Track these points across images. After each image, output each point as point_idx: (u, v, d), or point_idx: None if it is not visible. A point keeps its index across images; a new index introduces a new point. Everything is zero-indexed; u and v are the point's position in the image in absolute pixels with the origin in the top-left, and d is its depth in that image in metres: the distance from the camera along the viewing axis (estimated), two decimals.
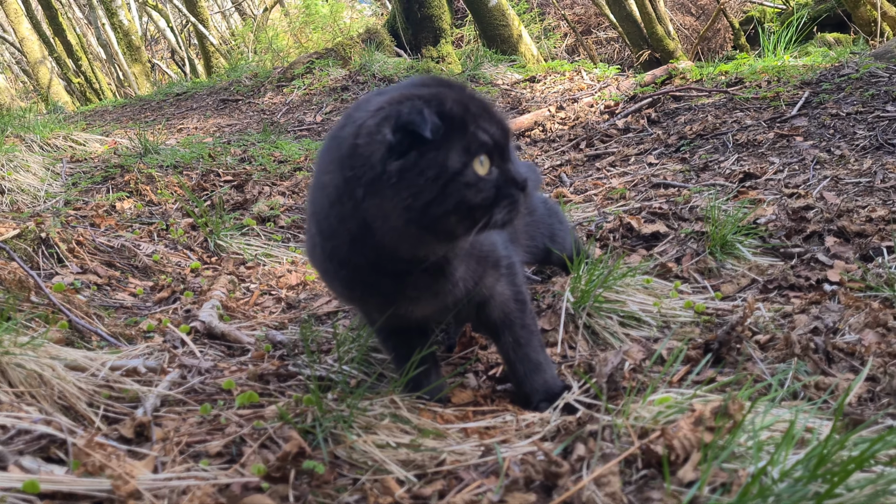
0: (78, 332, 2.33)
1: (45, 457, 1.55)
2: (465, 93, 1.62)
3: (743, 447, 1.48)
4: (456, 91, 1.61)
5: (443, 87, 1.64)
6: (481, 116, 1.56)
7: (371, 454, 1.65)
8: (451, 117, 1.51)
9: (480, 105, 1.59)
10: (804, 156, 3.67)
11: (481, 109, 1.58)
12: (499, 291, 1.91)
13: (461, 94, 1.59)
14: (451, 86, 1.65)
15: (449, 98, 1.54)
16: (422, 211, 1.50)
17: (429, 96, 1.53)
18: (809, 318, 2.23)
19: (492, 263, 1.89)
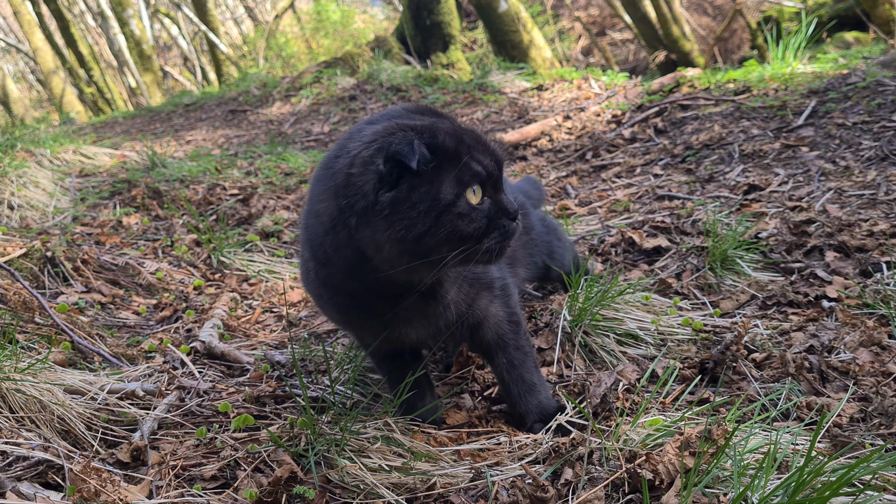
0: (80, 353, 2.36)
1: (42, 482, 1.58)
2: (458, 124, 1.64)
3: (727, 471, 1.49)
4: (448, 122, 1.63)
5: (435, 117, 1.66)
6: (475, 147, 1.57)
7: (362, 478, 1.67)
8: (443, 149, 1.53)
9: (473, 136, 1.61)
10: (809, 167, 3.66)
11: (474, 140, 1.60)
12: (493, 313, 1.93)
13: (454, 126, 1.61)
14: (443, 116, 1.68)
15: (441, 130, 1.55)
16: (415, 242, 1.52)
17: (421, 128, 1.55)
18: (806, 336, 2.23)
19: (485, 285, 1.90)
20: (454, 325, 1.85)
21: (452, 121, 1.65)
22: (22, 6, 14.58)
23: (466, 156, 1.55)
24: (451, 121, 1.65)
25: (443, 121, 1.63)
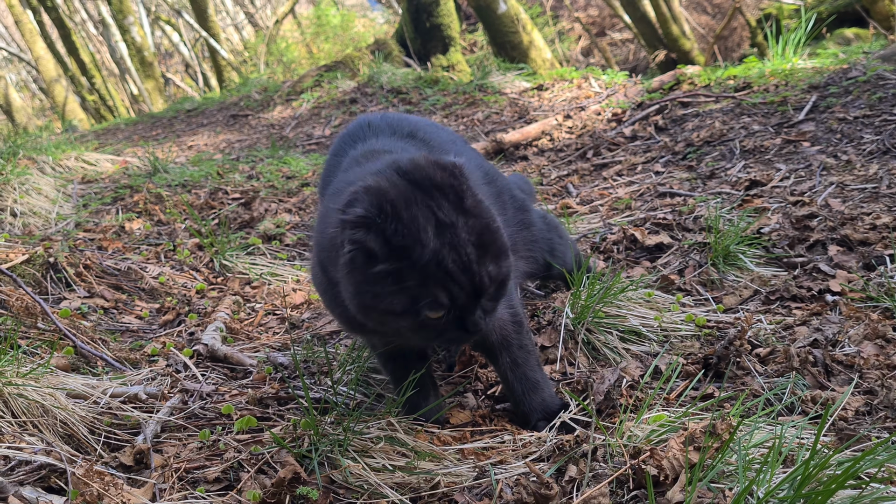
0: (84, 358, 2.36)
1: (45, 486, 1.58)
2: (454, 227, 1.48)
3: (732, 466, 1.48)
4: (444, 212, 1.50)
5: (427, 199, 1.51)
6: (454, 273, 1.46)
7: (366, 478, 1.66)
8: (409, 256, 1.45)
9: (456, 250, 1.47)
10: (811, 161, 3.65)
11: (458, 263, 1.46)
12: (497, 315, 1.92)
13: (445, 232, 1.48)
14: (443, 193, 1.53)
15: (416, 233, 1.45)
16: (364, 313, 1.56)
17: (386, 230, 1.45)
18: (810, 330, 2.22)
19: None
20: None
21: (451, 207, 1.52)
22: (24, 15, 14.63)
23: (434, 284, 1.46)
24: (448, 205, 1.51)
25: (432, 211, 1.49)
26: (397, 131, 2.13)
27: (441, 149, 2.14)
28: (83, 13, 20.61)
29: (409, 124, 2.20)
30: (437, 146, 2.15)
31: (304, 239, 3.77)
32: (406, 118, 2.26)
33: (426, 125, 2.27)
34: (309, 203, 4.38)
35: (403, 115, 2.30)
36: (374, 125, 2.16)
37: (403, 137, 2.11)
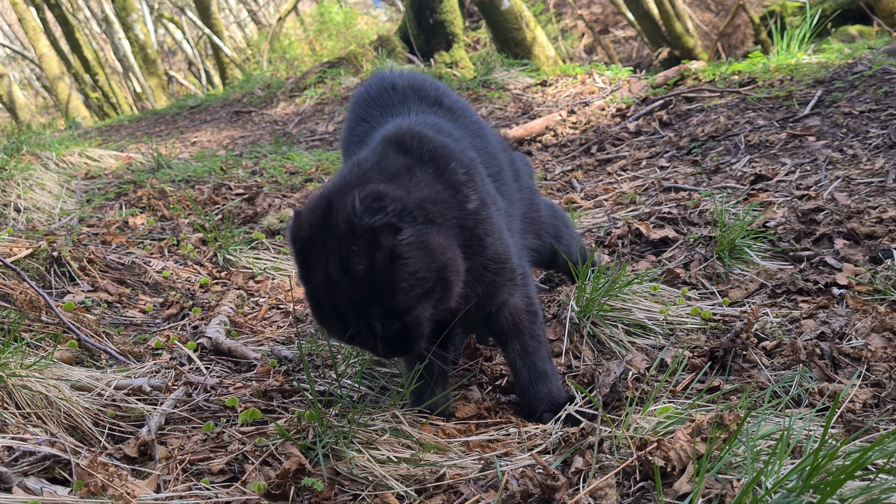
0: (87, 351, 2.36)
1: (49, 477, 1.57)
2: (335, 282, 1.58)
3: (739, 457, 1.47)
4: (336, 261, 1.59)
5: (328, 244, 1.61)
6: (328, 317, 1.65)
7: (371, 469, 1.65)
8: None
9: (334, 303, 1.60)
10: (816, 156, 3.64)
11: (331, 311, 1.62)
12: (512, 304, 1.92)
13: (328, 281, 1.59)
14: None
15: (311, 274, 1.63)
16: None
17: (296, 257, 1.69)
18: (817, 324, 2.21)
19: (508, 276, 1.88)
20: (472, 316, 1.84)
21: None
22: (27, 12, 14.64)
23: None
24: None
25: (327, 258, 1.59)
26: (424, 98, 2.13)
27: (466, 122, 2.14)
28: (86, 11, 20.62)
29: (433, 88, 2.19)
30: (460, 114, 2.14)
31: None
32: (427, 79, 2.25)
33: (448, 91, 2.26)
34: None
35: (422, 75, 2.28)
36: (399, 88, 2.15)
37: (431, 105, 2.10)
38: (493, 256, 1.82)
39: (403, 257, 1.55)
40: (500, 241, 1.86)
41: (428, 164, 1.78)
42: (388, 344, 1.63)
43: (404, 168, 1.74)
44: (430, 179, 1.74)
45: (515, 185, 2.28)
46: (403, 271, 1.55)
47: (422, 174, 1.74)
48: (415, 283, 1.57)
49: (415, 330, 1.62)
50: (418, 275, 1.57)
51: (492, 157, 2.15)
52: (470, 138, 2.09)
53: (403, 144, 1.82)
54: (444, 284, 1.63)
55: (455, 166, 1.80)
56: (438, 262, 1.61)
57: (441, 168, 1.78)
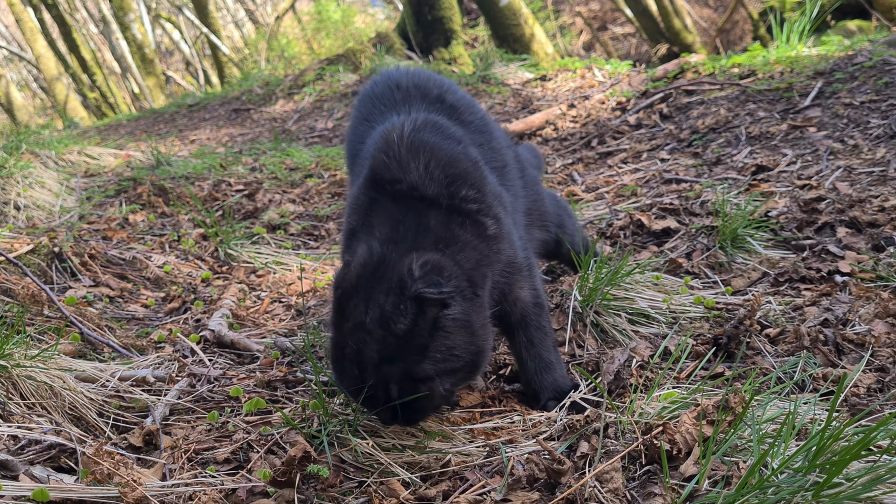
0: (90, 345, 2.36)
1: (55, 466, 1.57)
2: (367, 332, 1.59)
3: (745, 440, 1.47)
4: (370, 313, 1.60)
5: (368, 295, 1.63)
6: (346, 370, 1.63)
7: (376, 457, 1.65)
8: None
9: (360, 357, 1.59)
10: (817, 146, 3.64)
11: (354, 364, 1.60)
12: (521, 298, 1.94)
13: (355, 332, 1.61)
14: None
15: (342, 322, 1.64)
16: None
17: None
18: (820, 310, 2.20)
19: (517, 271, 1.90)
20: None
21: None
22: (24, 13, 14.62)
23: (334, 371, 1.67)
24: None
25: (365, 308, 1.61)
26: (427, 95, 2.12)
27: (469, 118, 2.13)
28: (83, 11, 20.60)
29: (437, 86, 2.18)
30: (464, 111, 2.14)
31: (308, 228, 3.76)
32: (432, 77, 2.24)
33: (453, 88, 2.25)
34: (313, 194, 4.37)
35: (428, 72, 2.28)
36: (402, 87, 2.15)
37: (433, 103, 2.09)
38: (506, 261, 1.85)
39: (446, 330, 1.58)
40: (510, 244, 1.88)
41: (452, 212, 1.75)
42: (396, 410, 1.61)
43: (443, 228, 1.72)
44: (465, 237, 1.74)
45: (521, 180, 2.29)
46: (441, 342, 1.58)
47: (458, 231, 1.74)
48: (448, 357, 1.59)
49: (428, 402, 1.61)
50: (454, 351, 1.60)
51: (496, 152, 2.16)
52: (473, 134, 2.09)
53: (411, 182, 1.78)
54: (472, 367, 1.66)
55: (466, 192, 1.78)
56: (476, 346, 1.64)
57: (459, 204, 1.77)
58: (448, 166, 1.80)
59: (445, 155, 1.83)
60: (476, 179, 1.84)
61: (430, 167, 1.78)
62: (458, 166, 1.82)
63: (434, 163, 1.79)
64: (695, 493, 1.32)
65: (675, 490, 1.34)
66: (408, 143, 1.82)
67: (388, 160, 1.81)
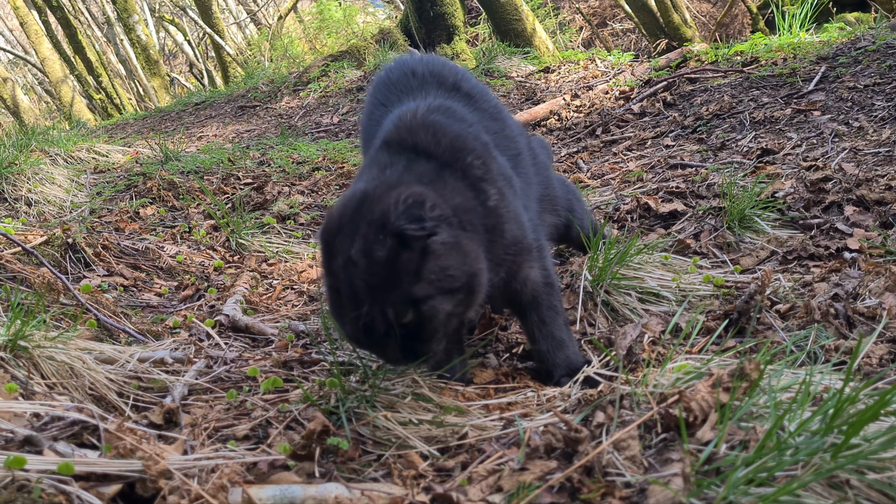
0: (106, 331, 2.38)
1: (77, 443, 1.59)
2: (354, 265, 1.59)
3: (760, 407, 1.49)
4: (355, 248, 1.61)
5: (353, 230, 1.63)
6: (344, 309, 1.61)
7: (394, 431, 1.67)
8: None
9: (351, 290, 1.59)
10: (822, 129, 3.65)
11: (348, 300, 1.59)
12: (531, 278, 1.95)
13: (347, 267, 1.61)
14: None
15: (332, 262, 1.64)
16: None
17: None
18: (829, 286, 2.22)
19: (526, 254, 1.92)
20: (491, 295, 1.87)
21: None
22: (29, 16, 14.68)
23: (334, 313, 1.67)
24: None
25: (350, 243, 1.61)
26: (443, 83, 2.14)
27: (484, 106, 2.15)
28: (87, 14, 20.66)
29: (452, 73, 2.20)
30: (479, 98, 2.16)
31: (317, 218, 3.79)
32: (448, 64, 2.26)
33: (468, 76, 2.27)
34: (321, 185, 4.39)
35: (443, 60, 2.30)
36: (418, 74, 2.16)
37: (449, 90, 2.11)
38: (512, 240, 1.86)
39: (437, 253, 1.58)
40: (517, 224, 1.89)
41: (450, 168, 1.79)
42: (403, 343, 1.61)
43: (434, 173, 1.76)
44: (458, 186, 1.76)
45: (533, 168, 2.32)
46: (434, 264, 1.57)
47: (451, 181, 1.76)
48: (443, 277, 1.58)
49: (430, 324, 1.59)
50: (448, 271, 1.59)
51: (510, 139, 2.17)
52: (487, 122, 2.11)
53: (418, 145, 1.83)
54: (469, 291, 1.64)
55: (471, 163, 1.82)
56: (470, 268, 1.63)
57: (462, 170, 1.80)
58: (456, 140, 1.83)
59: (455, 132, 1.86)
60: (483, 156, 1.86)
61: (438, 136, 1.81)
62: (466, 142, 1.85)
63: (443, 135, 1.82)
64: (713, 456, 1.33)
65: (694, 454, 1.36)
66: (420, 120, 1.85)
67: (398, 130, 1.85)
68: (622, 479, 1.42)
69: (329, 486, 1.49)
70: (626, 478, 1.41)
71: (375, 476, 1.57)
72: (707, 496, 1.28)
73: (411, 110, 1.93)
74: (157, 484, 1.40)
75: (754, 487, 1.24)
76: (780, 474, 1.28)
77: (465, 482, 1.50)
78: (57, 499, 1.31)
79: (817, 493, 1.24)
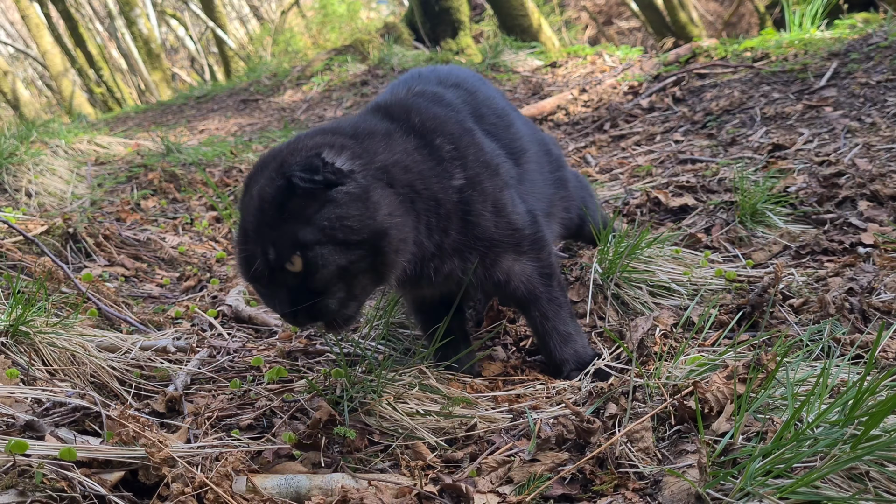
0: (108, 321, 2.35)
1: (79, 429, 1.56)
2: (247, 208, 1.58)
3: (776, 399, 1.45)
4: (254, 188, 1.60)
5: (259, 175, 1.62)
6: (236, 246, 1.62)
7: (401, 422, 1.64)
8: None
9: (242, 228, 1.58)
10: (834, 125, 3.61)
11: (238, 239, 1.59)
12: (518, 271, 1.87)
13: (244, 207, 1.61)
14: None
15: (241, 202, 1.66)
16: None
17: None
18: (844, 280, 2.18)
19: (509, 246, 1.84)
20: (470, 283, 1.83)
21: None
22: (30, 9, 14.64)
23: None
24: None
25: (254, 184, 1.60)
26: (443, 81, 2.12)
27: (484, 100, 2.12)
28: (88, 8, 20.62)
29: (454, 77, 2.18)
30: (479, 93, 2.13)
31: None
32: (455, 70, 2.26)
33: (474, 79, 2.25)
34: None
35: (452, 69, 2.30)
36: (423, 76, 2.16)
37: (448, 87, 2.09)
38: (488, 226, 1.78)
39: (337, 202, 1.49)
40: (497, 212, 1.81)
41: (412, 135, 1.75)
42: (295, 299, 1.50)
43: (382, 133, 1.71)
44: (407, 149, 1.71)
45: (548, 165, 2.29)
46: (331, 211, 1.48)
47: (400, 142, 1.71)
48: (338, 226, 1.48)
49: (317, 273, 1.47)
50: (346, 221, 1.49)
51: (514, 138, 2.11)
52: (484, 112, 2.07)
53: (390, 112, 1.81)
54: (374, 248, 1.52)
55: (441, 142, 1.77)
56: (376, 222, 1.52)
57: (426, 141, 1.76)
58: (432, 119, 1.81)
59: (434, 113, 1.85)
60: (458, 138, 1.82)
61: (419, 112, 1.82)
62: (442, 123, 1.82)
63: (422, 114, 1.82)
64: (729, 447, 1.30)
65: (710, 445, 1.32)
66: (410, 96, 1.91)
67: (387, 98, 1.91)
68: (635, 470, 1.38)
69: (335, 476, 1.46)
70: (639, 469, 1.38)
71: (382, 467, 1.54)
72: (723, 487, 1.24)
73: (396, 92, 1.98)
74: (160, 471, 1.36)
75: (772, 479, 1.21)
76: (798, 465, 1.24)
77: (474, 473, 1.47)
78: (59, 484, 1.27)
79: (836, 485, 1.21)
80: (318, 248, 1.47)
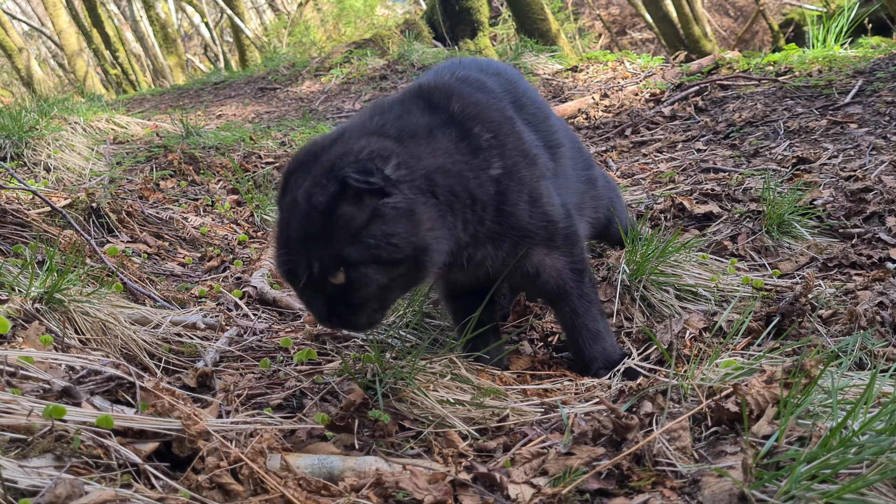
0: (132, 295, 2.34)
1: (112, 399, 1.55)
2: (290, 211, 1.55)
3: (816, 406, 1.44)
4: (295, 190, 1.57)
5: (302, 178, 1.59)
6: (275, 256, 1.60)
7: (433, 409, 1.63)
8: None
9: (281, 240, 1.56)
10: (859, 142, 3.60)
11: (278, 251, 1.57)
12: (549, 264, 1.86)
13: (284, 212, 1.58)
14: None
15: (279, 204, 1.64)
16: None
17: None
18: (874, 294, 2.17)
19: (542, 239, 1.84)
20: (501, 274, 1.82)
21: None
22: None
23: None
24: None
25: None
26: (484, 70, 2.12)
27: (524, 90, 2.12)
28: None
29: (495, 67, 2.18)
30: (519, 84, 2.13)
31: None
32: (494, 61, 2.26)
33: (513, 70, 2.25)
34: None
35: (491, 61, 2.30)
36: (465, 64, 2.15)
37: (490, 75, 2.08)
38: (523, 217, 1.78)
39: (385, 217, 1.49)
40: (533, 203, 1.81)
41: (451, 126, 1.72)
42: (332, 306, 1.52)
43: (425, 132, 1.68)
44: (448, 148, 1.68)
45: (581, 161, 2.30)
46: (378, 228, 1.48)
47: (442, 140, 1.69)
48: (384, 244, 1.48)
49: (359, 292, 1.50)
50: (391, 239, 1.49)
51: (551, 131, 2.11)
52: (524, 103, 2.06)
53: (432, 100, 1.78)
54: (414, 265, 1.54)
55: (479, 130, 1.75)
56: (420, 240, 1.53)
57: (465, 131, 1.73)
58: (473, 106, 1.78)
59: (475, 99, 1.82)
60: (498, 126, 1.80)
61: (456, 103, 1.78)
62: (482, 110, 1.80)
63: (463, 100, 1.78)
64: (773, 450, 1.29)
65: (755, 447, 1.31)
66: (453, 80, 1.88)
67: (430, 81, 1.86)
68: (672, 469, 1.38)
69: (368, 459, 1.45)
70: (677, 468, 1.37)
71: (414, 452, 1.53)
72: (767, 489, 1.24)
73: (439, 75, 1.95)
74: (195, 444, 1.35)
75: (817, 483, 1.20)
76: (843, 472, 1.24)
77: (507, 463, 1.46)
78: (95, 451, 1.27)
79: (882, 493, 1.20)
80: (363, 268, 1.47)
